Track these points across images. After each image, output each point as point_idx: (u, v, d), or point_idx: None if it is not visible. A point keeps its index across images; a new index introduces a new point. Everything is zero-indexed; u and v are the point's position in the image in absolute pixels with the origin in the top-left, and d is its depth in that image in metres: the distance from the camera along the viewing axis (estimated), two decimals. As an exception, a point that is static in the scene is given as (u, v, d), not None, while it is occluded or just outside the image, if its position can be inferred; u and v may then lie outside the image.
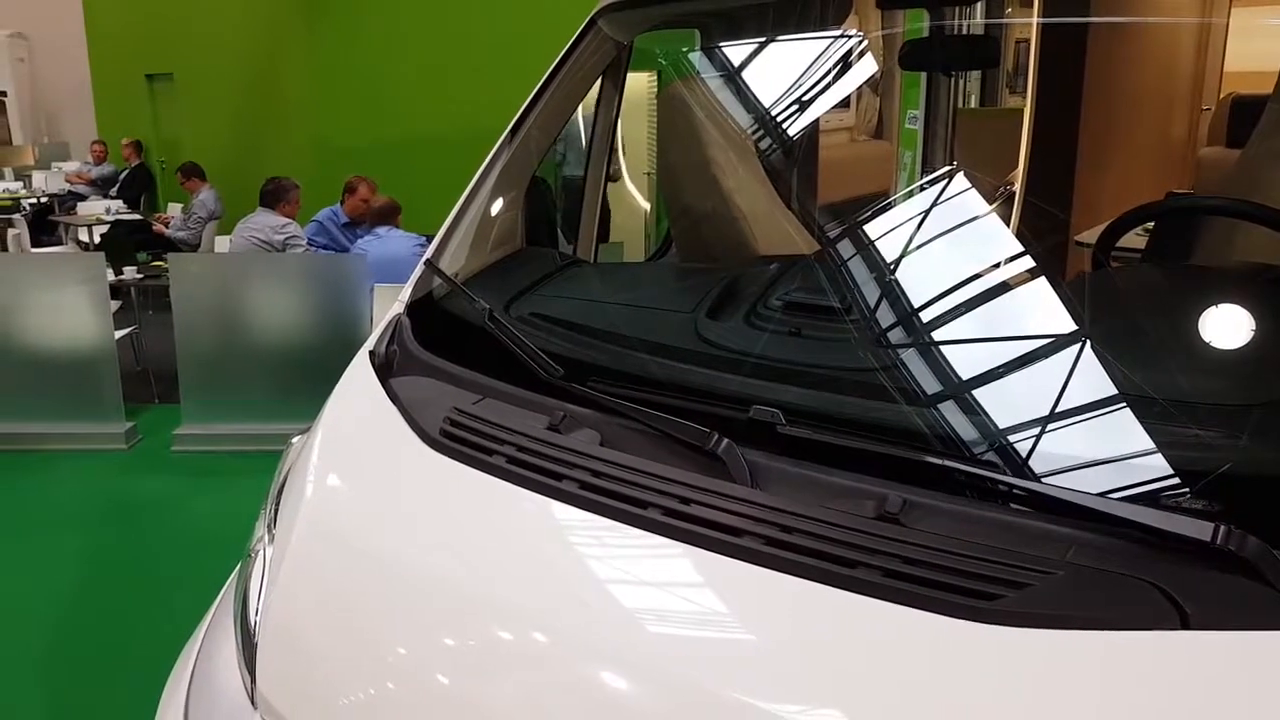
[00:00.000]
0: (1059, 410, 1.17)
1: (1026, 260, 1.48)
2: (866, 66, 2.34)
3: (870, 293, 1.54)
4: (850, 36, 2.24)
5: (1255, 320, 1.26)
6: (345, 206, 6.79)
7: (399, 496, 1.45)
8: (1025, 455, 1.14)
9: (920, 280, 1.51)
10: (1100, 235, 1.63)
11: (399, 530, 1.38)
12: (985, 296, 1.44)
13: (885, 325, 1.47)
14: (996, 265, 1.49)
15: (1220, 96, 3.22)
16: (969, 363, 1.33)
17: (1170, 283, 1.62)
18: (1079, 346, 1.25)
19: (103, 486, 4.94)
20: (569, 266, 2.22)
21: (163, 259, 6.60)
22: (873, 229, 1.70)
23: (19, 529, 4.44)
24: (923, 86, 3.84)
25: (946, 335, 1.42)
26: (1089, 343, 1.24)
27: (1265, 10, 2.24)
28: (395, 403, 1.58)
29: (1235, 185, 1.84)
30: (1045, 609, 0.94)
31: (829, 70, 2.17)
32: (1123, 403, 1.16)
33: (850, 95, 3.24)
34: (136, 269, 6.87)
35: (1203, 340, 1.26)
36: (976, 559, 1.00)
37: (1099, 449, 1.13)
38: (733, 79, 2.31)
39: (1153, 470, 1.07)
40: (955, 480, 1.12)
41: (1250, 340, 1.25)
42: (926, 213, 1.66)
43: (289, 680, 1.33)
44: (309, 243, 6.50)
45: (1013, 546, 1.01)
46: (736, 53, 2.34)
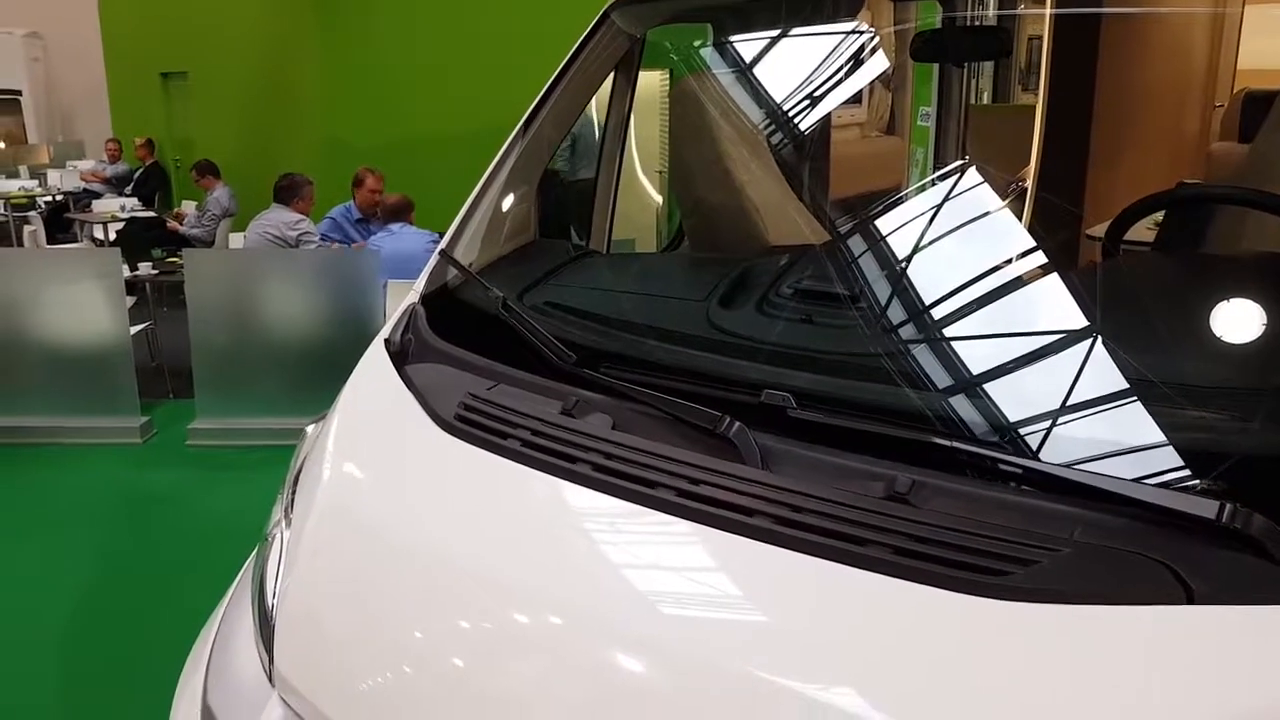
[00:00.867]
0: (1065, 392, 1.18)
1: (1039, 255, 1.49)
2: (878, 61, 2.35)
3: (881, 281, 1.55)
4: (862, 31, 2.25)
5: (1264, 307, 1.27)
6: (356, 200, 6.83)
7: (415, 479, 1.47)
8: (1032, 437, 1.15)
9: (930, 270, 1.52)
10: (1110, 224, 1.64)
11: (415, 512, 1.40)
12: (995, 287, 1.45)
13: (896, 313, 1.48)
14: (1008, 259, 1.50)
15: (1233, 93, 3.21)
16: (976, 349, 1.35)
17: (1179, 270, 1.63)
18: (1087, 331, 1.26)
19: (118, 480, 4.98)
20: (582, 257, 2.24)
21: (177, 256, 6.64)
22: (884, 221, 1.70)
23: (35, 522, 4.48)
24: (935, 83, 3.84)
25: (955, 323, 1.43)
26: (1097, 328, 1.25)
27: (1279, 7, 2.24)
28: (411, 389, 1.59)
29: (1245, 176, 1.85)
30: (1052, 585, 0.95)
31: (841, 65, 2.18)
32: (1130, 386, 1.17)
33: (862, 90, 3.25)
34: (151, 265, 6.92)
35: (1211, 326, 1.27)
36: (985, 537, 1.01)
37: (1105, 431, 1.14)
38: (745, 73, 2.32)
39: (1159, 451, 1.08)
40: (963, 462, 1.13)
41: (1259, 327, 1.26)
42: (938, 206, 1.67)
43: (306, 659, 1.34)
44: (322, 238, 6.55)
45: (1021, 525, 1.02)
46: (749, 47, 2.35)
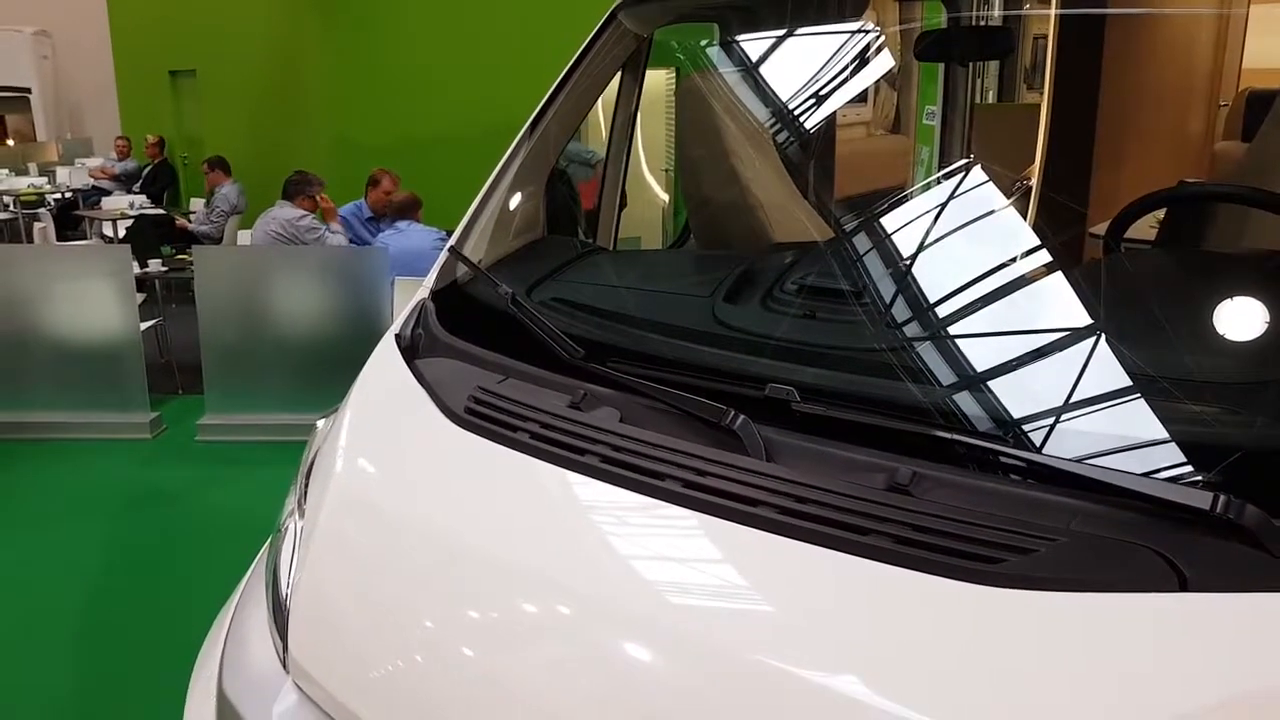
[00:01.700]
0: (1063, 387, 1.20)
1: (1043, 254, 1.50)
2: (883, 61, 2.37)
3: (884, 278, 1.57)
4: (868, 31, 2.27)
5: (1264, 303, 1.29)
6: (369, 200, 6.85)
7: (425, 471, 1.49)
8: (1031, 431, 1.17)
9: (933, 266, 1.54)
10: (1112, 222, 1.66)
11: (425, 502, 1.42)
12: (996, 284, 1.47)
13: (898, 309, 1.50)
14: (1012, 257, 1.51)
15: (1237, 92, 3.22)
16: (977, 345, 1.37)
17: (1180, 267, 1.65)
18: (1087, 327, 1.29)
19: (127, 475, 5.01)
20: (590, 253, 2.26)
21: (187, 253, 6.69)
22: (889, 219, 1.72)
23: (45, 517, 4.52)
24: (940, 82, 3.86)
25: (956, 319, 1.45)
26: (1098, 323, 1.27)
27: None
28: (421, 382, 1.62)
29: (1246, 174, 1.86)
30: (1049, 573, 0.97)
31: (846, 64, 2.20)
32: (1128, 381, 1.19)
33: (868, 89, 3.26)
34: (161, 262, 6.96)
35: (1210, 323, 1.29)
36: (983, 527, 1.03)
37: (1103, 425, 1.16)
38: (751, 72, 2.34)
39: (1155, 444, 1.10)
40: (963, 454, 1.15)
41: (1258, 323, 1.28)
42: (943, 204, 1.69)
43: (320, 645, 1.37)
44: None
45: (1019, 516, 1.04)
46: (755, 46, 2.37)
